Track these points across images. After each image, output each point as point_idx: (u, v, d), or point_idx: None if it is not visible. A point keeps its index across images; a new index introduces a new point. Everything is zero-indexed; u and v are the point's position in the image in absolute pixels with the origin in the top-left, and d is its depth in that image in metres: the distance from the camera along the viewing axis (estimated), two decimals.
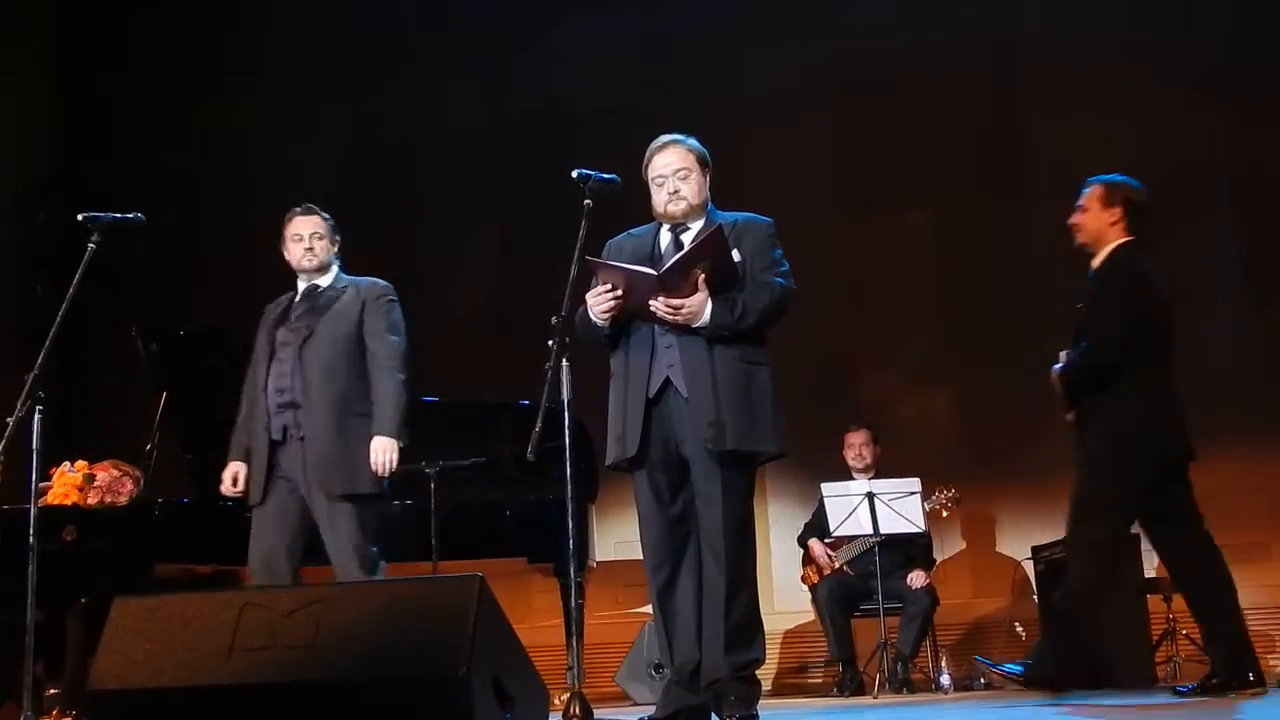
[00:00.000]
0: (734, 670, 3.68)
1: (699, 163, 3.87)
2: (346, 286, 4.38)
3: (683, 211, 3.82)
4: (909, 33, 7.34)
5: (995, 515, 6.92)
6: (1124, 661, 5.47)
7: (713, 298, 3.61)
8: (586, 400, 3.95)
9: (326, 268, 4.40)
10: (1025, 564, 6.55)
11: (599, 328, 3.76)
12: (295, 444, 4.19)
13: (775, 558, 7.09)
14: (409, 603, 2.15)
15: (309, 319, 4.30)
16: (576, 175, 3.87)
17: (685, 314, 3.61)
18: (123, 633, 2.23)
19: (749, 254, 3.76)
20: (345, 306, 4.31)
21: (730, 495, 3.69)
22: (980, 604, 6.91)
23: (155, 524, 5.21)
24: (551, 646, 5.80)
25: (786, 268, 3.79)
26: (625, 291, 3.65)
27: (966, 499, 6.46)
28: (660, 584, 3.78)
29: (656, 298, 3.60)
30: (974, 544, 7.01)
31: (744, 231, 3.81)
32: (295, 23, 8.53)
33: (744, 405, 3.64)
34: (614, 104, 7.59)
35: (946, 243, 7.27)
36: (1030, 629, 6.44)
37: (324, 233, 4.38)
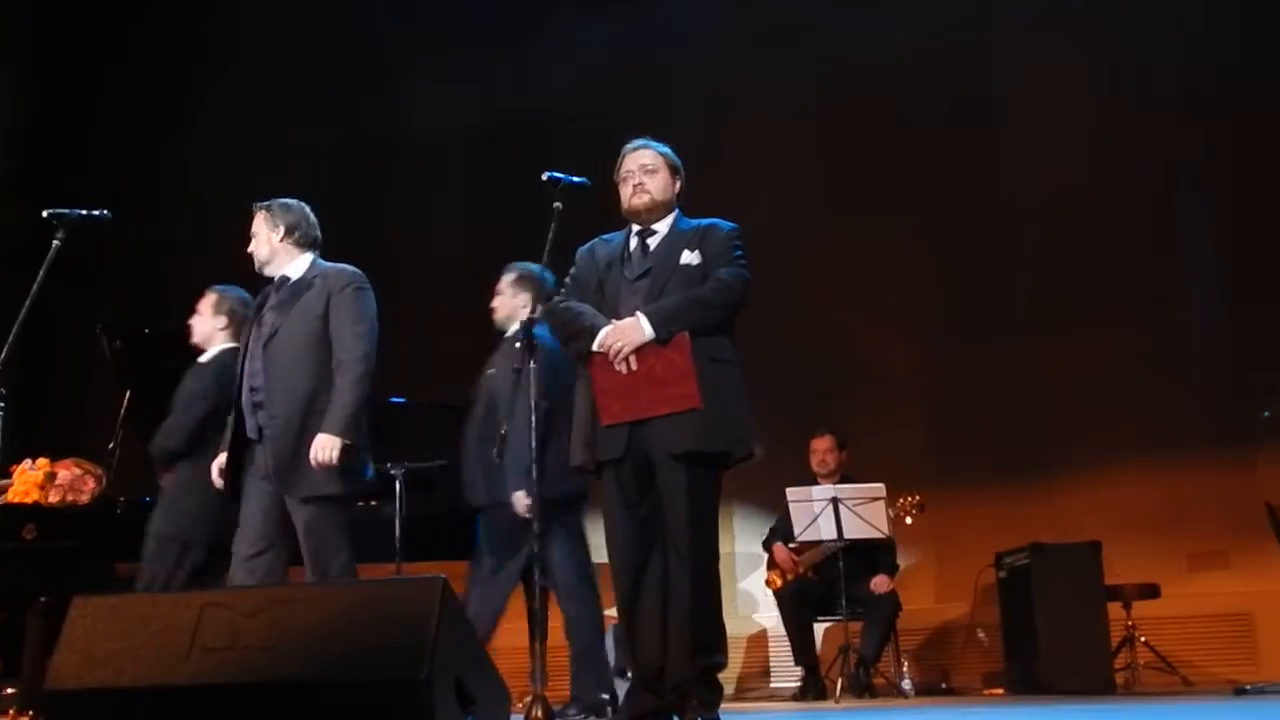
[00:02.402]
0: (697, 674, 3.68)
1: (668, 165, 3.90)
2: (315, 277, 4.20)
3: (645, 205, 3.83)
4: (886, 45, 7.40)
5: (959, 522, 6.95)
6: (1083, 668, 5.50)
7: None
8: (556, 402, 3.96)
9: (280, 262, 4.24)
10: (988, 570, 6.59)
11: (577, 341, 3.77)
12: (265, 443, 4.09)
13: (739, 561, 7.12)
14: (371, 604, 2.13)
15: (275, 315, 4.17)
16: (547, 178, 3.88)
17: (620, 341, 3.62)
18: (82, 632, 2.20)
19: (709, 255, 3.79)
20: (311, 300, 4.16)
21: (697, 497, 3.68)
22: (943, 610, 6.95)
23: (117, 523, 5.16)
24: (515, 649, 5.79)
25: (744, 262, 3.80)
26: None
27: (930, 505, 6.47)
28: (625, 587, 3.78)
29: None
30: (938, 550, 7.05)
31: (706, 234, 3.83)
32: (276, 21, 8.50)
33: (714, 403, 3.64)
34: (595, 110, 7.59)
35: (917, 252, 7.31)
36: (992, 635, 6.50)
37: (257, 229, 4.24)
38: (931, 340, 7.20)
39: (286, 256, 4.24)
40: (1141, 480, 6.09)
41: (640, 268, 3.84)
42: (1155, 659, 5.93)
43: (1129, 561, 5.95)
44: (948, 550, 7.04)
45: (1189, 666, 5.88)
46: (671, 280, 3.76)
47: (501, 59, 8.15)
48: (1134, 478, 6.19)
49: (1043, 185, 6.83)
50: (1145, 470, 5.98)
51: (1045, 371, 6.73)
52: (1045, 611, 5.65)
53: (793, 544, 6.30)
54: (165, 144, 8.40)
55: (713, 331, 3.73)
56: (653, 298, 3.74)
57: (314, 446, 3.97)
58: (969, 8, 7.40)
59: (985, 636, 6.65)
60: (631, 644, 3.81)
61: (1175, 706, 4.45)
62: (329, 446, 3.95)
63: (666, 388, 3.62)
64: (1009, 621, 6.14)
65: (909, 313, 7.29)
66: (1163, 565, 5.97)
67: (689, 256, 3.79)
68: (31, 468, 5.41)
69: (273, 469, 4.03)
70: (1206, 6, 6.32)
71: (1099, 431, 6.23)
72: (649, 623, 3.75)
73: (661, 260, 3.82)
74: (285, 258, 4.24)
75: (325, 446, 3.96)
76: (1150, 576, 5.99)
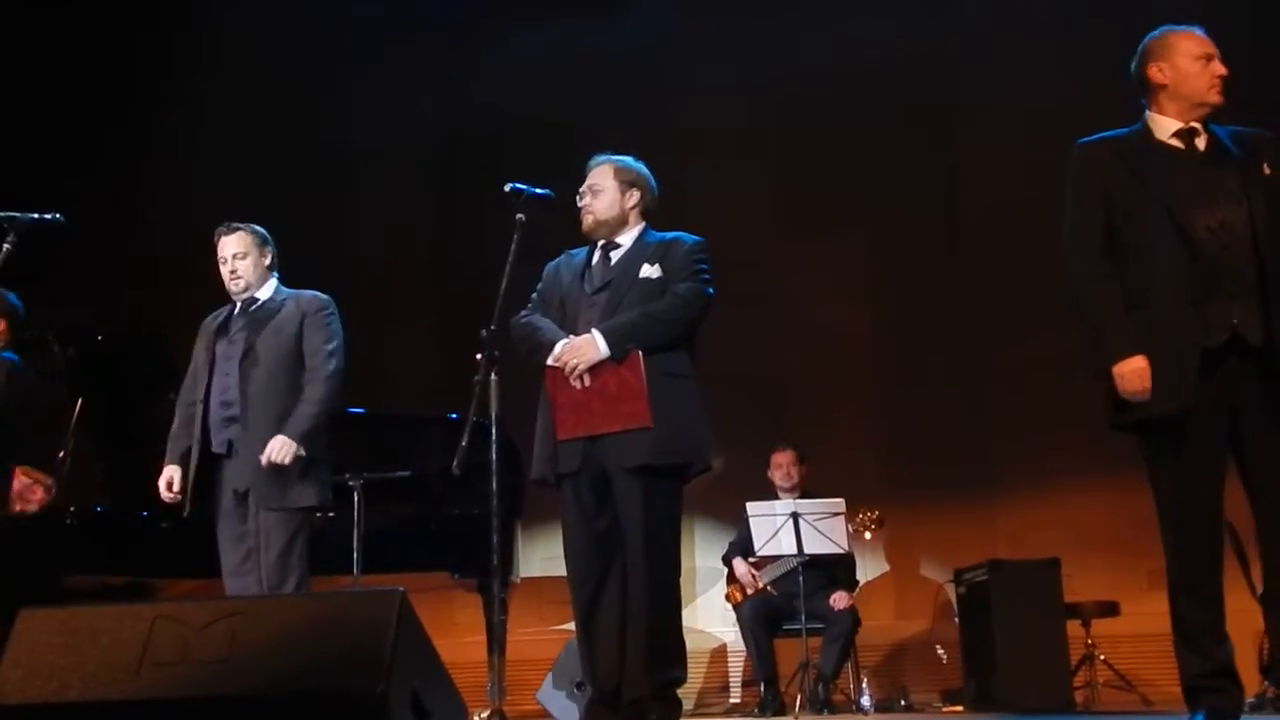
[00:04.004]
0: (656, 689, 3.68)
1: (620, 180, 3.90)
2: (285, 299, 4.32)
3: (589, 226, 3.89)
4: (843, 60, 7.44)
5: (918, 537, 7.00)
6: (1041, 686, 5.53)
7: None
8: (515, 415, 3.94)
9: (258, 284, 4.32)
10: (947, 586, 6.62)
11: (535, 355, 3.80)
12: (238, 457, 4.13)
13: (699, 576, 7.11)
14: (328, 617, 2.12)
15: (248, 333, 4.24)
16: (509, 189, 3.88)
17: (574, 358, 3.66)
18: (28, 645, 2.17)
19: (669, 269, 3.80)
20: (284, 321, 4.25)
21: (652, 511, 3.69)
22: (902, 626, 6.98)
23: (66, 533, 5.09)
24: (473, 663, 5.76)
25: (706, 277, 3.82)
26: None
27: (890, 521, 6.51)
28: (584, 600, 3.78)
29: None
30: (897, 566, 7.08)
31: (668, 248, 3.85)
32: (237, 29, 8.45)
33: (667, 417, 3.65)
34: (556, 121, 7.58)
35: (879, 266, 7.36)
36: (951, 651, 6.52)
37: (246, 250, 4.28)
38: (891, 355, 7.25)
39: (264, 279, 4.34)
40: (1102, 497, 6.15)
41: (600, 280, 3.85)
42: (1114, 677, 5.98)
43: (1088, 579, 6.01)
44: (907, 566, 7.08)
45: (1148, 685, 5.93)
46: (630, 293, 3.78)
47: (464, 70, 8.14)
48: (1094, 495, 6.26)
49: (1000, 202, 6.90)
50: (1106, 487, 6.05)
51: (1006, 387, 6.79)
52: (1004, 628, 5.67)
53: (753, 558, 6.31)
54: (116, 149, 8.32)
55: (670, 346, 3.74)
56: (610, 311, 3.75)
57: (270, 444, 4.04)
58: (923, 25, 7.46)
59: (944, 653, 6.68)
60: (589, 658, 3.80)
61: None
62: (284, 449, 4.03)
63: (619, 404, 3.64)
64: (968, 638, 6.17)
65: (868, 327, 7.33)
66: (1122, 583, 6.03)
67: (649, 270, 3.81)
68: None
69: (250, 481, 4.08)
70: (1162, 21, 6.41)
71: (1060, 447, 6.29)
72: (606, 637, 3.75)
73: (621, 273, 3.83)
74: (263, 280, 4.34)
75: (281, 448, 4.04)
76: (1110, 594, 6.05)
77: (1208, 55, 3.42)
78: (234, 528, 4.15)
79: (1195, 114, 3.40)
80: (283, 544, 4.07)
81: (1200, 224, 3.29)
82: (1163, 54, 3.44)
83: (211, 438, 4.18)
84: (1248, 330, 3.23)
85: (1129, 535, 4.46)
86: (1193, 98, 3.40)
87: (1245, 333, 3.23)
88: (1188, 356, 3.24)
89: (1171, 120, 3.43)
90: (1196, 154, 3.39)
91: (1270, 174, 3.33)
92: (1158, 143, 3.43)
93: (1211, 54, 3.42)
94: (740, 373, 6.76)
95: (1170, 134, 3.42)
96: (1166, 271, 3.31)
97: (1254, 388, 3.25)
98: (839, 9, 7.54)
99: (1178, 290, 3.29)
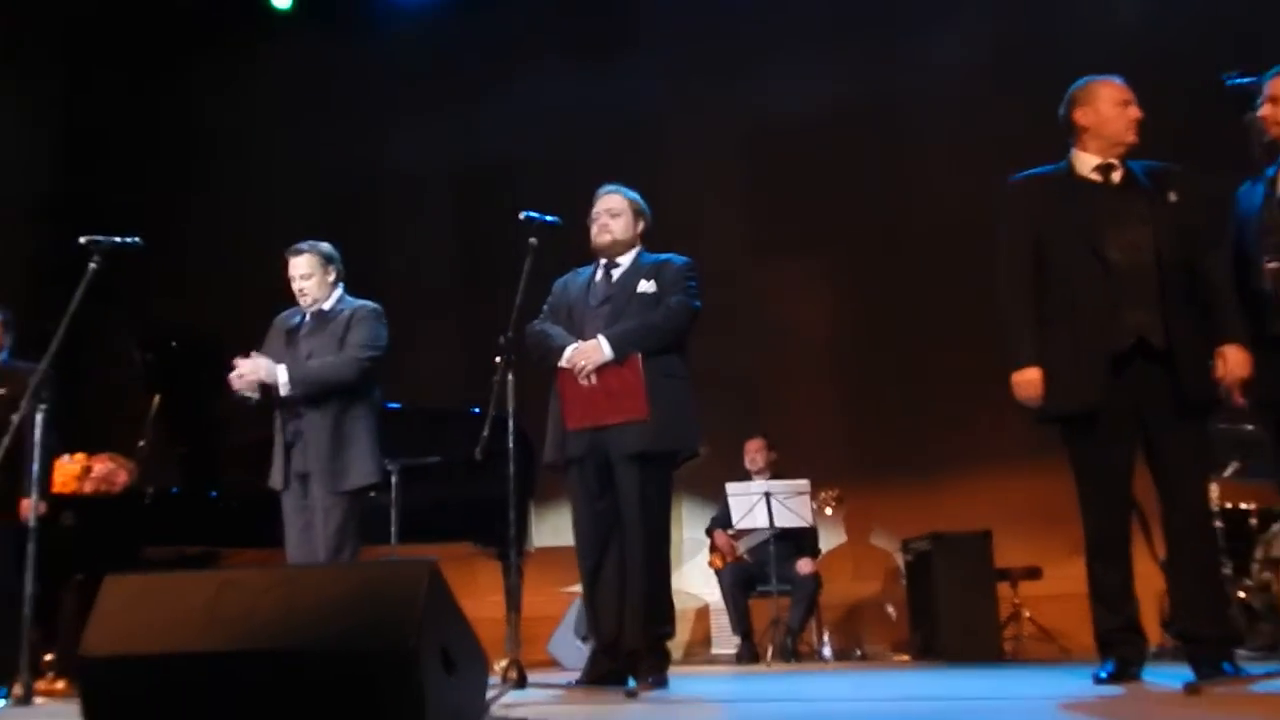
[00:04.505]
0: (649, 642, 3.68)
1: (632, 209, 3.92)
2: (344, 309, 4.26)
3: (607, 244, 3.88)
4: (809, 103, 7.43)
5: (872, 513, 6.99)
6: (976, 638, 5.53)
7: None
8: (529, 408, 3.94)
9: (324, 298, 4.26)
10: (896, 554, 6.62)
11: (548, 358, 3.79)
12: (301, 444, 4.11)
13: (686, 546, 7.11)
14: (369, 582, 2.11)
15: (312, 341, 4.20)
16: (523, 217, 3.88)
17: (583, 360, 3.66)
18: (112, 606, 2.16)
19: (663, 285, 3.81)
20: (338, 326, 4.21)
21: (649, 491, 3.69)
22: (858, 588, 6.97)
23: (145, 510, 5.08)
24: (493, 619, 5.69)
25: (694, 293, 3.83)
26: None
27: (848, 499, 6.51)
28: (589, 568, 3.78)
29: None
30: (853, 537, 7.08)
31: (662, 267, 3.87)
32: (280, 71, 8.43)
33: (661, 411, 3.65)
34: (560, 157, 7.57)
35: (839, 282, 7.35)
36: (899, 609, 6.52)
37: (312, 270, 4.22)
38: (849, 356, 7.24)
39: (329, 292, 4.27)
40: (1027, 478, 6.14)
41: (603, 295, 3.86)
42: (1038, 631, 5.98)
43: (1016, 547, 6.00)
44: (862, 537, 7.08)
45: (1067, 638, 5.93)
46: (629, 306, 3.78)
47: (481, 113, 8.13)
48: (1020, 476, 6.25)
49: (942, 225, 6.89)
50: (1030, 470, 6.03)
51: (946, 384, 6.79)
52: (944, 590, 5.67)
53: (731, 531, 6.31)
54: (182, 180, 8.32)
55: (664, 351, 3.75)
56: (612, 321, 3.76)
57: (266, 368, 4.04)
58: (873, 76, 7.44)
59: (893, 611, 6.68)
60: (592, 616, 3.80)
61: (1054, 670, 4.49)
62: (269, 369, 4.05)
63: (620, 400, 3.64)
64: (913, 598, 6.17)
65: (829, 332, 7.32)
66: (1045, 551, 6.02)
67: (645, 286, 3.82)
68: (70, 462, 5.32)
69: (313, 467, 4.06)
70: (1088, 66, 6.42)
71: (992, 436, 6.28)
72: (608, 598, 3.75)
73: (621, 289, 3.84)
74: (328, 293, 4.27)
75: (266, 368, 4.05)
76: (1034, 560, 6.05)
77: (1125, 101, 3.42)
78: (296, 504, 4.13)
79: (1114, 151, 3.41)
80: (339, 520, 4.05)
81: (1112, 245, 3.30)
82: (1087, 100, 3.44)
83: (286, 428, 4.15)
84: (1151, 335, 3.24)
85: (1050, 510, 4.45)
86: (1112, 138, 3.40)
87: (1149, 337, 3.24)
88: (1099, 359, 3.25)
89: (1093, 156, 3.43)
90: (1112, 186, 3.39)
91: (1175, 201, 3.33)
92: (1079, 177, 3.44)
93: (1129, 100, 3.42)
94: (719, 373, 6.75)
95: (1091, 169, 3.43)
96: (1083, 286, 3.31)
97: (1157, 385, 3.26)
98: (800, 64, 7.53)
99: (1093, 302, 3.29)
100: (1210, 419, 3.34)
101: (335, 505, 4.05)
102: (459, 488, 5.59)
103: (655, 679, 3.64)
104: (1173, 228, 3.29)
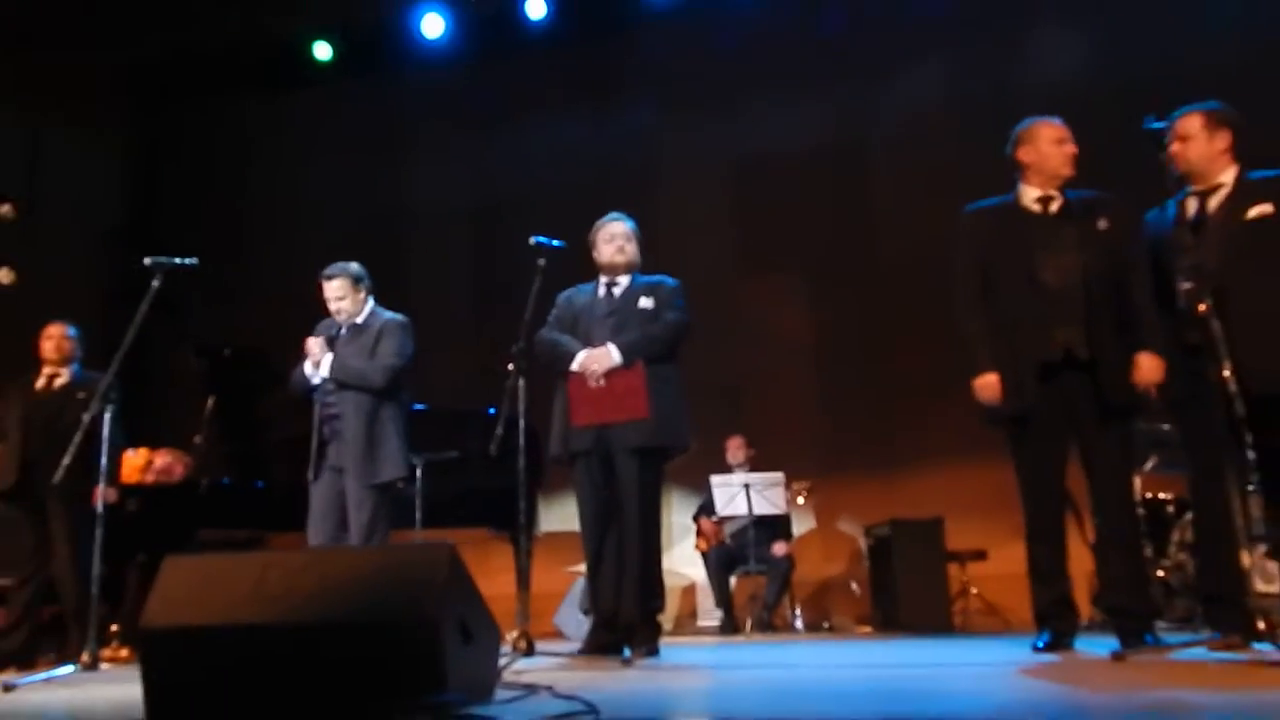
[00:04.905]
0: (642, 615, 3.67)
1: (635, 236, 3.98)
2: (374, 321, 4.26)
3: (624, 263, 3.91)
4: (786, 139, 7.46)
5: (838, 502, 7.00)
6: (929, 612, 5.54)
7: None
8: (537, 409, 3.94)
9: (357, 313, 4.27)
10: (860, 539, 6.63)
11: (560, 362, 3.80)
12: (339, 442, 4.10)
13: (675, 530, 7.11)
14: (395, 562, 2.11)
15: (348, 349, 4.20)
16: (533, 241, 3.88)
17: (594, 364, 3.69)
18: (171, 582, 2.16)
19: (660, 302, 3.84)
20: (369, 336, 4.21)
21: (645, 482, 3.69)
22: (826, 568, 6.98)
23: (200, 498, 5.08)
24: (505, 595, 5.71)
25: (682, 308, 3.86)
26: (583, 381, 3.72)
27: (818, 489, 6.52)
28: (592, 550, 3.77)
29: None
30: (822, 523, 7.08)
31: (657, 287, 3.89)
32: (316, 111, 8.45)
33: (658, 412, 3.66)
34: (566, 189, 7.59)
35: (812, 300, 7.36)
36: (863, 587, 6.52)
37: (345, 291, 4.23)
38: (819, 364, 7.25)
39: (361, 307, 4.28)
40: (974, 472, 6.15)
41: (608, 309, 3.87)
42: (984, 606, 5.99)
43: (964, 532, 6.01)
44: (830, 523, 7.08)
45: (1009, 612, 5.94)
46: (631, 319, 3.80)
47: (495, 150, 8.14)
48: (969, 470, 6.25)
49: (906, 247, 6.90)
50: (977, 465, 6.03)
51: (905, 386, 6.80)
52: (901, 570, 5.68)
53: (715, 517, 6.31)
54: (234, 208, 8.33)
55: (661, 360, 3.76)
56: (617, 331, 3.77)
57: (323, 355, 4.10)
58: (849, 112, 7.47)
59: (857, 588, 6.68)
60: (593, 593, 3.80)
61: (997, 640, 4.49)
62: (324, 361, 4.10)
63: (624, 400, 3.64)
64: (875, 577, 6.18)
65: (803, 343, 7.33)
66: (990, 535, 6.03)
67: (645, 302, 3.84)
68: (134, 455, 5.32)
69: (348, 463, 4.05)
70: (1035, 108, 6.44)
71: (944, 433, 6.29)
72: (608, 577, 3.74)
73: (623, 304, 3.86)
74: (360, 308, 4.27)
75: (323, 361, 4.09)
76: (980, 543, 6.06)
77: (1061, 139, 3.44)
78: (325, 493, 4.11)
79: (1053, 184, 3.42)
80: (371, 509, 4.05)
81: (1045, 269, 3.32)
82: (1029, 139, 3.46)
83: (323, 428, 4.14)
84: (1077, 348, 3.26)
85: (995, 499, 4.45)
86: (1050, 172, 3.42)
87: (1075, 350, 3.26)
88: (1032, 369, 3.28)
89: (1034, 189, 3.45)
90: (1049, 215, 3.41)
91: (1104, 228, 3.35)
92: (1022, 207, 3.46)
93: (1065, 138, 3.44)
94: (706, 378, 6.74)
95: (1032, 200, 3.44)
96: (1021, 304, 3.33)
97: (1084, 391, 3.27)
98: (778, 106, 7.56)
99: (1028, 318, 3.31)
100: (1133, 420, 3.35)
101: (368, 497, 4.05)
102: (476, 479, 5.58)
103: (648, 648, 3.64)
104: (1102, 252, 3.31)
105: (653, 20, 7.68)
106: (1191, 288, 2.90)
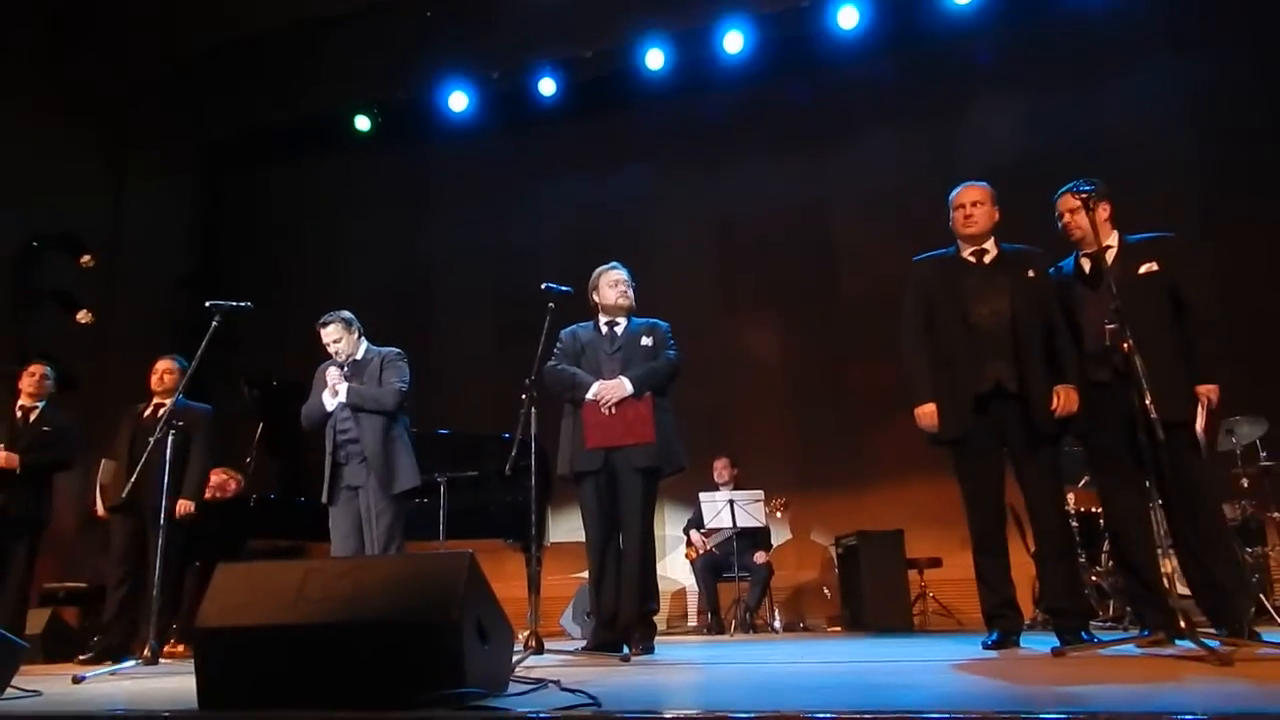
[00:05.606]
0: (639, 616, 3.65)
1: (632, 283, 3.99)
2: (373, 355, 4.29)
3: (626, 307, 3.92)
4: (766, 198, 7.52)
5: (812, 515, 6.97)
6: (891, 613, 5.51)
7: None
8: (547, 433, 3.93)
9: (354, 351, 4.29)
10: (830, 548, 6.59)
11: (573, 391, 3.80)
12: (355, 463, 4.09)
13: (668, 541, 7.07)
14: (421, 569, 2.10)
15: (354, 381, 4.21)
16: (544, 287, 3.90)
17: (609, 394, 3.71)
18: (223, 587, 2.14)
19: (656, 342, 3.87)
20: (373, 368, 4.24)
21: (646, 498, 3.69)
22: (801, 574, 6.93)
23: (249, 512, 5.06)
24: (518, 599, 5.70)
25: (676, 346, 3.89)
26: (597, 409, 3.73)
27: (793, 504, 6.50)
28: (597, 559, 3.76)
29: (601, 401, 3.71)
30: (798, 534, 7.05)
31: (653, 329, 3.94)
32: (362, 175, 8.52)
33: (660, 436, 3.69)
34: (571, 242, 7.64)
35: (788, 338, 7.37)
36: (834, 591, 6.48)
37: (340, 334, 4.26)
38: (794, 394, 7.25)
39: (356, 346, 4.30)
40: (930, 489, 6.14)
41: (613, 346, 3.90)
42: (940, 608, 5.95)
43: (922, 542, 5.99)
44: (804, 534, 7.05)
45: (961, 613, 5.90)
46: (635, 355, 3.83)
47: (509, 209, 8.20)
48: (926, 486, 6.25)
49: (868, 289, 6.95)
50: (933, 482, 6.05)
51: (869, 414, 6.80)
52: (867, 576, 5.65)
53: (703, 530, 6.28)
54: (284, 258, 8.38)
55: (661, 391, 3.79)
56: (624, 365, 3.81)
57: (340, 383, 4.11)
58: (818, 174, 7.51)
59: (829, 592, 6.64)
60: (597, 596, 3.77)
61: (951, 638, 4.46)
62: (341, 389, 4.09)
63: (634, 426, 3.66)
64: (844, 582, 6.14)
65: (780, 376, 7.34)
66: (944, 544, 6.01)
67: (646, 340, 3.88)
68: None
69: (370, 477, 4.03)
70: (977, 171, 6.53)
71: (904, 455, 6.28)
72: (609, 582, 3.73)
73: (626, 342, 3.89)
74: (356, 347, 4.29)
75: (340, 388, 4.09)
76: (936, 552, 6.04)
77: (959, 205, 3.48)
78: (344, 511, 4.09)
79: (967, 242, 3.48)
80: (390, 519, 4.03)
81: (979, 311, 3.36)
82: (950, 206, 3.53)
83: (337, 451, 4.13)
84: (1006, 381, 3.29)
85: (949, 513, 4.44)
86: (957, 233, 3.48)
87: (1005, 383, 3.29)
88: (966, 400, 3.30)
89: (965, 244, 3.50)
90: (983, 265, 3.45)
91: (1032, 277, 3.39)
92: (961, 259, 3.49)
93: (962, 204, 3.48)
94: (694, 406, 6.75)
95: (968, 252, 3.48)
96: (957, 343, 3.37)
97: (1014, 418, 3.30)
98: (759, 168, 7.63)
99: (963, 355, 3.35)
100: (1060, 443, 3.37)
101: (386, 507, 4.03)
102: (492, 495, 5.58)
103: (644, 646, 3.62)
104: (1029, 298, 3.34)
105: (648, 97, 7.78)
106: (1115, 328, 2.93)
